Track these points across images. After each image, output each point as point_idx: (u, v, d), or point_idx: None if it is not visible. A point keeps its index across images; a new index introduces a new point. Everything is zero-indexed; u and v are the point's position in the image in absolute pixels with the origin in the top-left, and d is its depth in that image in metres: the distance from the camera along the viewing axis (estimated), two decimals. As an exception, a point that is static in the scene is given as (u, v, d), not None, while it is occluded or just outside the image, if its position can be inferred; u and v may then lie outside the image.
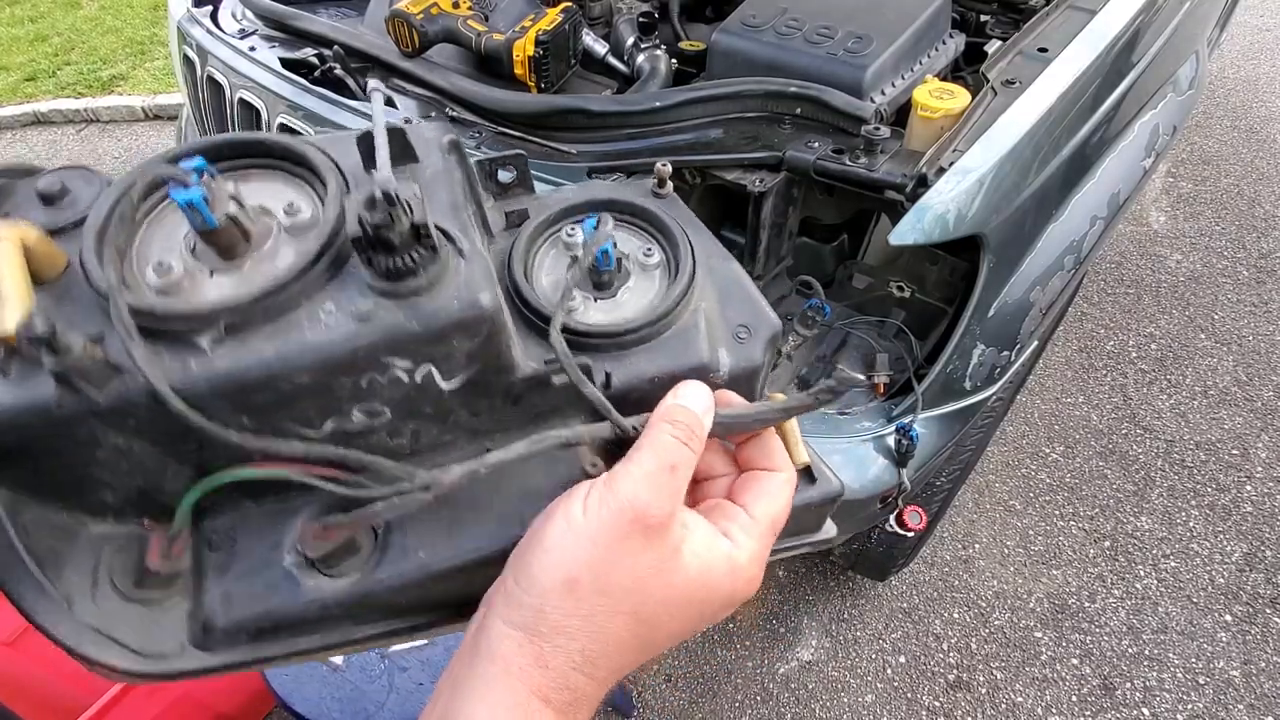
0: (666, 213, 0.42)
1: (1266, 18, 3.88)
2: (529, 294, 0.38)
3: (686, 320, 0.39)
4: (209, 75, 1.31)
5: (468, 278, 0.32)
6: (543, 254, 0.42)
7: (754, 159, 1.02)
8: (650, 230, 0.43)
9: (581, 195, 0.43)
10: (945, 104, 0.97)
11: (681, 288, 0.39)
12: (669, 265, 0.41)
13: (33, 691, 1.36)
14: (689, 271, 0.39)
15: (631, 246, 0.42)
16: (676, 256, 0.41)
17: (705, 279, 0.41)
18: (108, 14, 4.32)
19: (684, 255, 0.40)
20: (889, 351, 1.13)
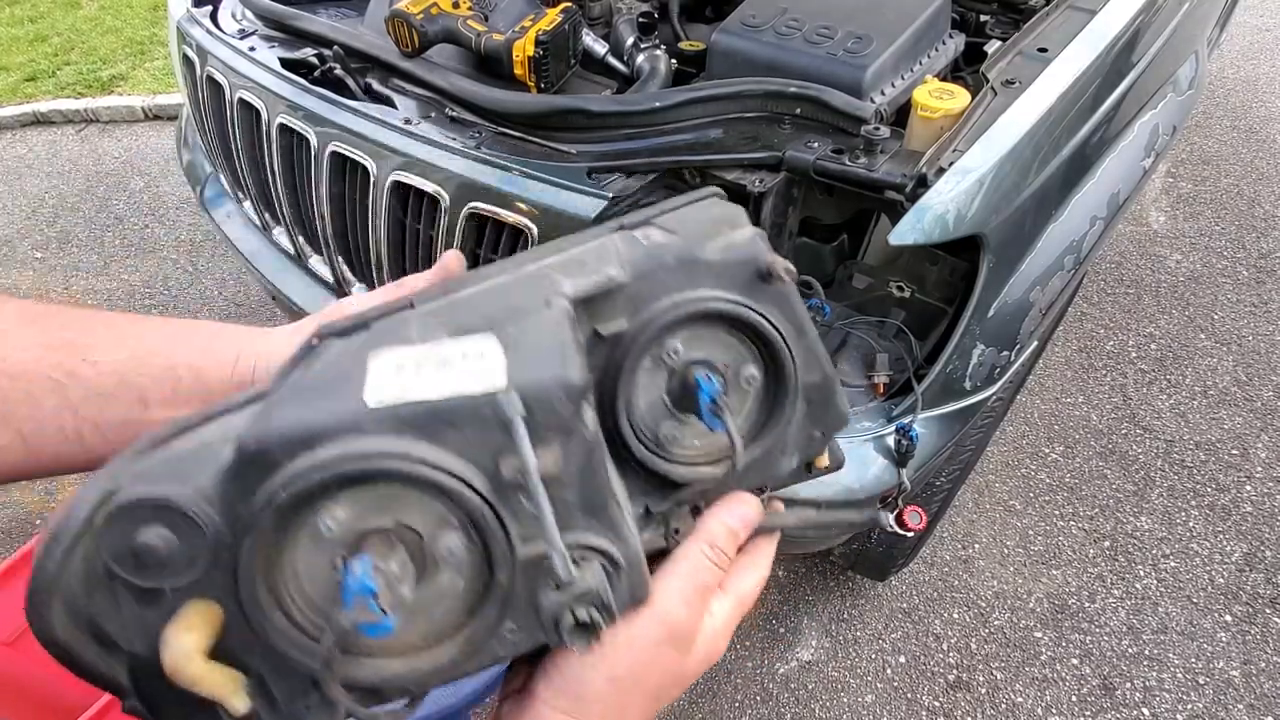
0: (776, 324, 0.37)
1: (1266, 18, 3.88)
2: (634, 447, 0.36)
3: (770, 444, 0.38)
4: (209, 75, 1.31)
5: (628, 588, 0.33)
6: (640, 372, 0.36)
7: (754, 159, 1.02)
8: (754, 344, 0.37)
9: (687, 305, 0.35)
10: (945, 104, 0.97)
11: (778, 432, 0.37)
12: (768, 388, 0.38)
13: (33, 691, 1.36)
14: (788, 405, 0.37)
15: (727, 358, 0.37)
16: (779, 379, 0.37)
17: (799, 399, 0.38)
18: (108, 14, 4.32)
19: (788, 383, 0.37)
20: (889, 351, 1.13)
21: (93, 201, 3.01)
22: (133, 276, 2.66)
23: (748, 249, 0.36)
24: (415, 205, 1.08)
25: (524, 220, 0.99)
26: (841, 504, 1.02)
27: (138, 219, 2.91)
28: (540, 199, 0.98)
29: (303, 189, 1.22)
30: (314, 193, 1.19)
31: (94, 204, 3.00)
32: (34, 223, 2.93)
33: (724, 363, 0.37)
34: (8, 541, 1.86)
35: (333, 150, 1.11)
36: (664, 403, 0.36)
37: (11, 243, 2.84)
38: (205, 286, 2.58)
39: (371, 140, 1.07)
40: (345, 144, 1.10)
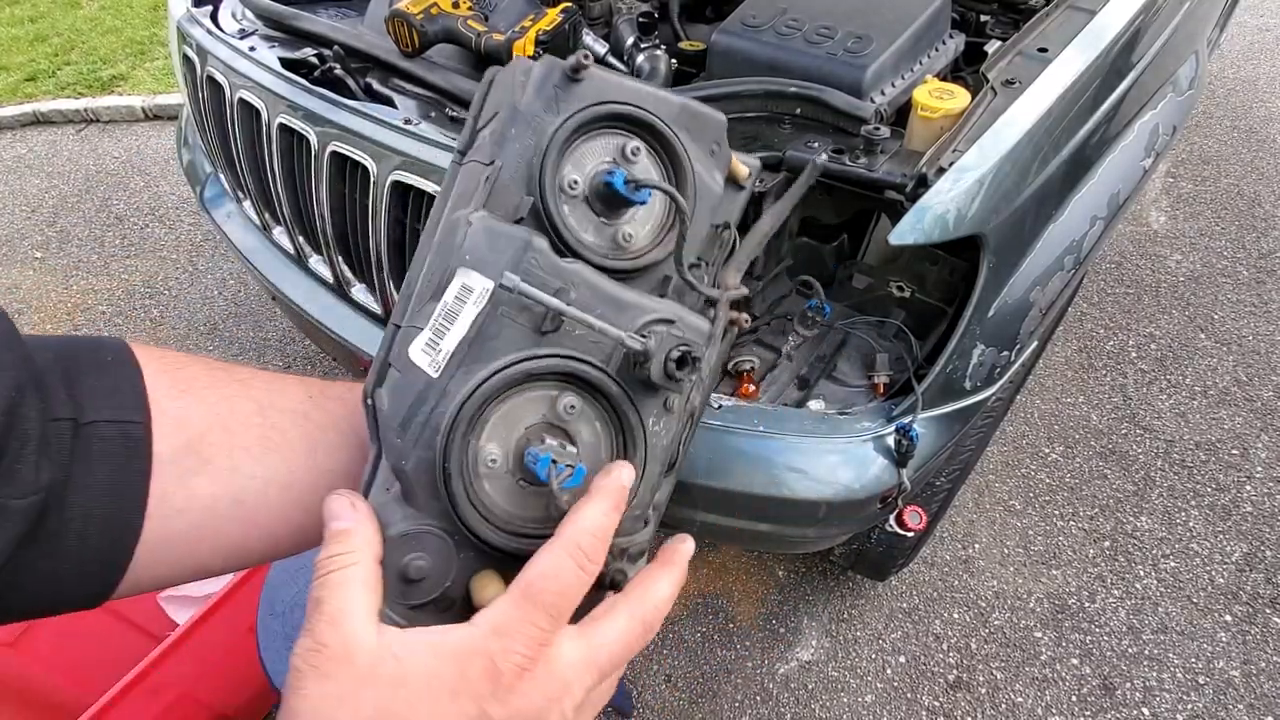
0: (616, 100, 0.43)
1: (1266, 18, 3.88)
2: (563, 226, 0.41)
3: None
4: (209, 75, 1.31)
5: (692, 325, 0.41)
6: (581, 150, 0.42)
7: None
8: (619, 125, 0.43)
9: (559, 134, 0.41)
10: (945, 104, 0.97)
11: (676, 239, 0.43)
12: (651, 147, 0.44)
13: (33, 691, 1.36)
14: (672, 142, 0.43)
15: (610, 149, 0.43)
16: (651, 131, 0.43)
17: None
18: (108, 14, 4.33)
19: (657, 126, 0.43)
20: (889, 351, 1.13)
21: (93, 201, 3.01)
22: (133, 276, 2.66)
23: (546, 72, 0.42)
24: (415, 205, 1.08)
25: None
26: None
27: (138, 219, 2.91)
28: (540, 199, 0.97)
29: (303, 189, 1.22)
30: (314, 193, 1.19)
31: (94, 204, 3.00)
32: (34, 222, 2.93)
33: (611, 156, 0.43)
34: (8, 541, 1.86)
35: (333, 150, 1.11)
36: (598, 219, 0.42)
37: (11, 242, 2.84)
38: (205, 286, 2.58)
39: (371, 140, 1.07)
40: (345, 144, 1.10)
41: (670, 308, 0.40)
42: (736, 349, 1.18)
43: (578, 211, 0.41)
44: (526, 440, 0.37)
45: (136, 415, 0.35)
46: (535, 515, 0.38)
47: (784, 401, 1.11)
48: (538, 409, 0.37)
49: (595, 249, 0.41)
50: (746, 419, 1.03)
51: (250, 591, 1.30)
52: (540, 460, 0.35)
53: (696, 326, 0.40)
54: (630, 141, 0.42)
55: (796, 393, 1.13)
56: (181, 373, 0.38)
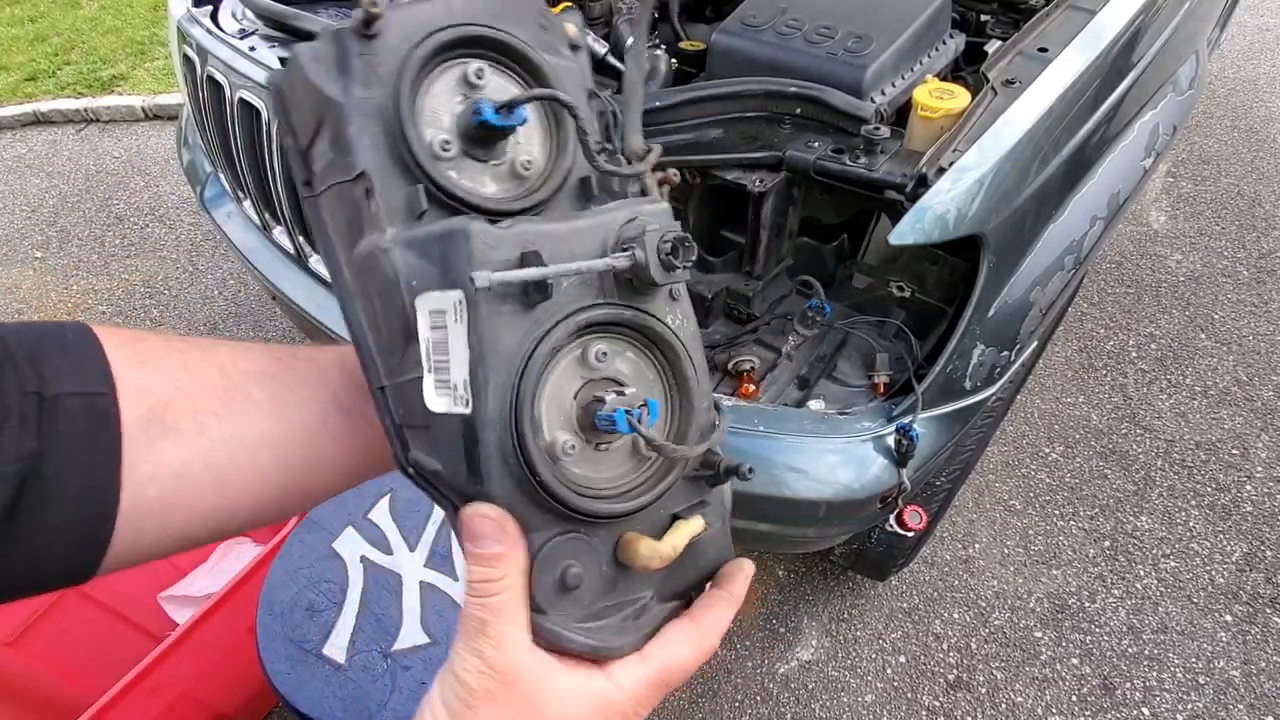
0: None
1: (1266, 18, 3.89)
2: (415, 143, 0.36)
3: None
4: (209, 75, 1.31)
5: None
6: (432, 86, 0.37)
7: (754, 159, 1.02)
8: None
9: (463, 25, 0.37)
10: (945, 104, 0.97)
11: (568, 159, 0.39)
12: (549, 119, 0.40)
13: (33, 691, 1.36)
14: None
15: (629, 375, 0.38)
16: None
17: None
18: (108, 14, 4.33)
19: (550, 80, 0.39)
20: (889, 351, 1.13)
21: (93, 201, 3.01)
22: (133, 276, 2.66)
23: (337, 48, 0.38)
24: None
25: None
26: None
27: (138, 219, 2.91)
28: (540, 199, 0.97)
29: (303, 189, 1.22)
30: (314, 192, 1.18)
31: (94, 204, 3.00)
32: (34, 222, 2.93)
33: (460, 93, 0.38)
34: (8, 541, 1.86)
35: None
36: (489, 165, 0.38)
37: (12, 242, 2.84)
38: (205, 286, 2.58)
39: (371, 140, 1.07)
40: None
41: (620, 208, 0.37)
42: (736, 349, 1.18)
43: (466, 169, 0.37)
44: (582, 410, 0.35)
45: (102, 387, 0.35)
46: (628, 467, 0.37)
47: (784, 401, 1.11)
48: (574, 376, 0.35)
49: (508, 196, 0.38)
50: (746, 419, 1.03)
51: (250, 591, 1.30)
52: (616, 417, 0.33)
53: (656, 210, 0.37)
54: (468, 66, 0.37)
55: (796, 393, 1.13)
56: (141, 344, 0.38)
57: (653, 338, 0.37)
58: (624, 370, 0.36)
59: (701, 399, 0.38)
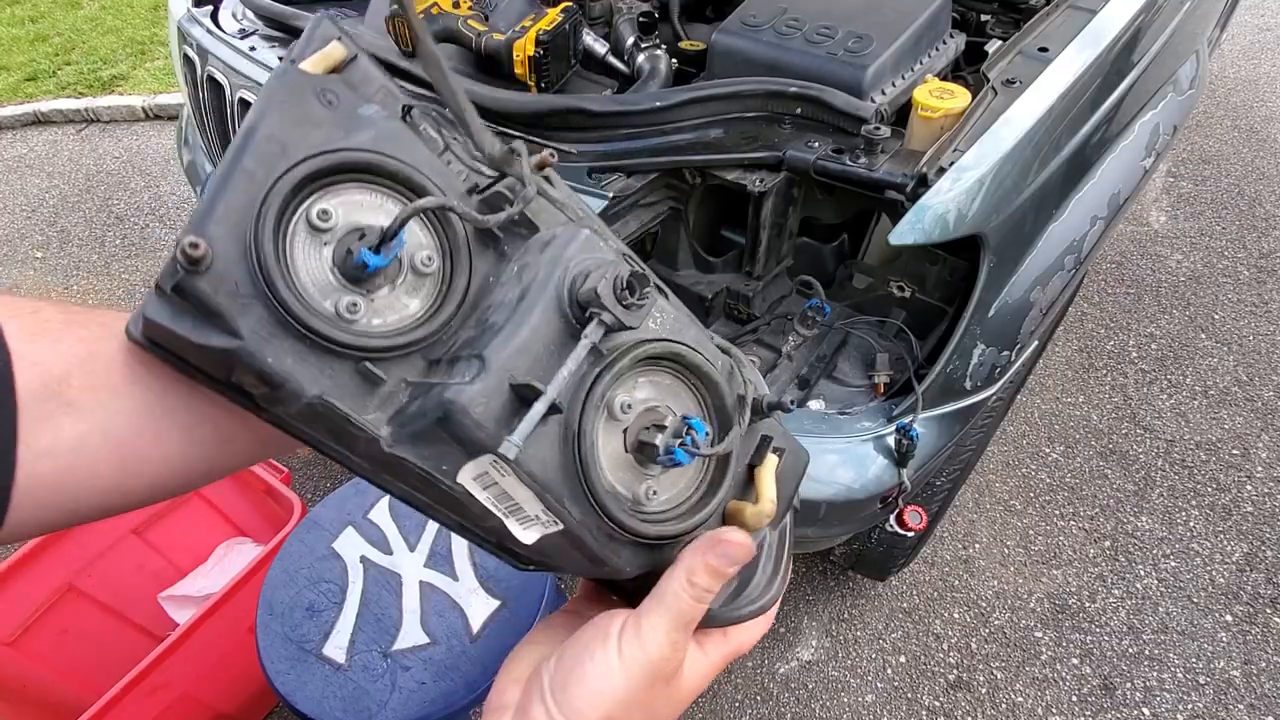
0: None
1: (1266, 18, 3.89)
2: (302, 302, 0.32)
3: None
4: (209, 75, 1.31)
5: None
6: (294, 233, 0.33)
7: (754, 159, 1.02)
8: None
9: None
10: (945, 104, 0.97)
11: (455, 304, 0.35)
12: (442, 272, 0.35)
13: (33, 691, 1.36)
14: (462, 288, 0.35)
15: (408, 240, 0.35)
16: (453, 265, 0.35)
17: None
18: (108, 14, 4.33)
19: (461, 266, 0.35)
20: (889, 351, 1.13)
21: (93, 201, 3.01)
22: (133, 276, 2.66)
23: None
24: (415, 205, 1.08)
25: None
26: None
27: (138, 219, 2.91)
28: (540, 199, 0.97)
29: (303, 189, 1.22)
30: (314, 192, 1.19)
31: (94, 204, 3.00)
32: (34, 222, 2.93)
33: (324, 247, 0.34)
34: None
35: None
36: (409, 297, 0.35)
37: (12, 242, 2.84)
38: (205, 286, 2.58)
39: (372, 140, 1.07)
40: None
41: (551, 265, 0.34)
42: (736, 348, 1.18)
43: (381, 307, 0.33)
44: (639, 454, 0.36)
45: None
46: (690, 484, 0.39)
47: (784, 401, 1.11)
48: (615, 434, 0.36)
49: (432, 306, 0.35)
50: (747, 419, 1.03)
51: (250, 591, 1.30)
52: (676, 455, 0.34)
53: (582, 252, 0.34)
54: (309, 210, 0.32)
55: (797, 392, 1.13)
56: (36, 316, 0.37)
57: (653, 357, 0.36)
58: (649, 397, 0.37)
59: (719, 375, 0.38)
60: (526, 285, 0.34)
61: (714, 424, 0.39)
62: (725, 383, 0.38)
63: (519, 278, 0.35)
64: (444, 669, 1.02)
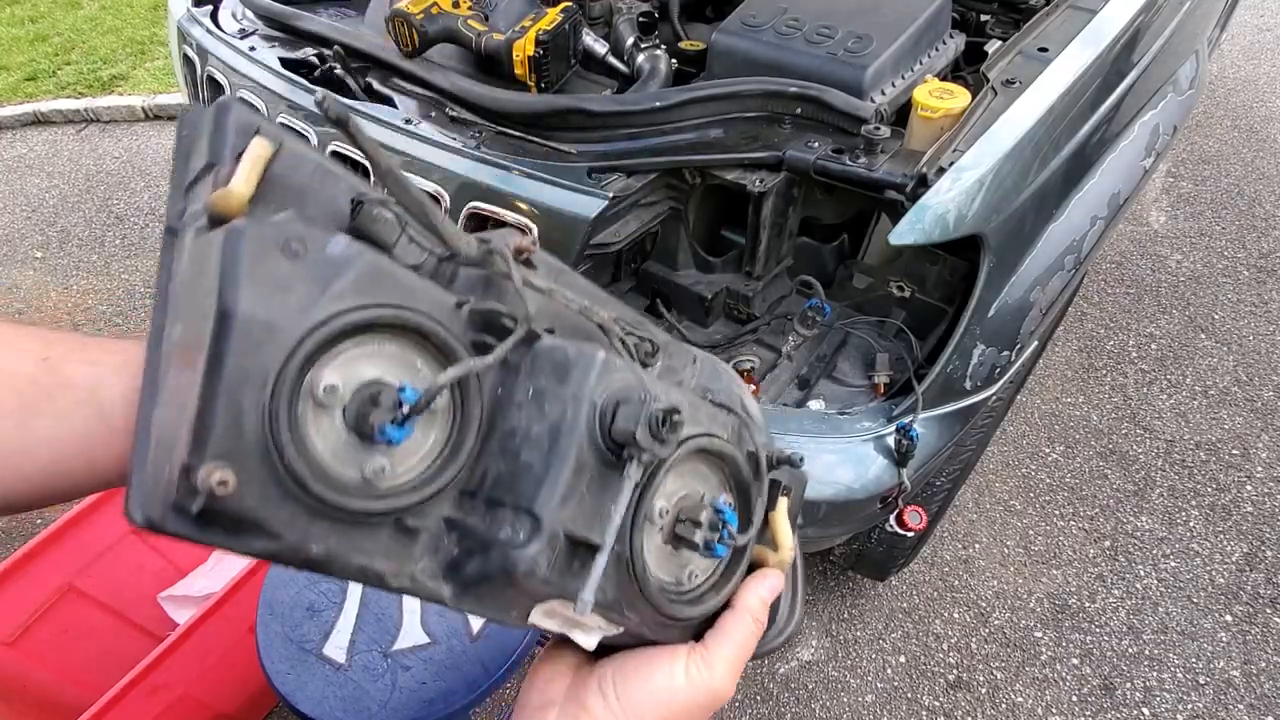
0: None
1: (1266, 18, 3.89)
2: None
3: None
4: (209, 75, 1.31)
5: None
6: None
7: (754, 159, 1.02)
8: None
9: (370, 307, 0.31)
10: (945, 104, 0.97)
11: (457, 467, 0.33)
12: (454, 411, 0.34)
13: (33, 691, 1.36)
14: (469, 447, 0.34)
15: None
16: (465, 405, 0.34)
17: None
18: (108, 14, 4.33)
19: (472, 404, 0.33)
20: (889, 351, 1.13)
21: (93, 201, 3.01)
22: (133, 276, 2.66)
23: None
24: (415, 205, 1.08)
25: (524, 220, 0.99)
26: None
27: (138, 219, 2.91)
28: (540, 199, 0.98)
29: (303, 189, 1.22)
30: (314, 192, 1.19)
31: (94, 204, 3.00)
32: (34, 222, 2.93)
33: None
34: (8, 541, 1.86)
35: (333, 150, 1.11)
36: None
37: (12, 242, 2.84)
38: (205, 286, 2.58)
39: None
40: (346, 144, 1.10)
41: (555, 366, 0.34)
42: (736, 349, 1.18)
43: (403, 457, 0.32)
44: (673, 547, 0.38)
45: None
46: (707, 567, 0.41)
47: (784, 401, 1.11)
48: (654, 538, 0.37)
49: (448, 441, 0.33)
50: (747, 419, 1.03)
51: (250, 591, 1.30)
52: (717, 551, 0.36)
53: (593, 367, 0.33)
54: (315, 390, 0.30)
55: (797, 393, 1.13)
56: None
57: (704, 454, 0.38)
58: (677, 489, 0.38)
59: (734, 449, 0.39)
60: (555, 424, 0.33)
61: (734, 492, 0.40)
62: (740, 453, 0.39)
63: (541, 409, 0.33)
64: (444, 669, 1.02)
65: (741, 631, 0.41)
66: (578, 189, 0.97)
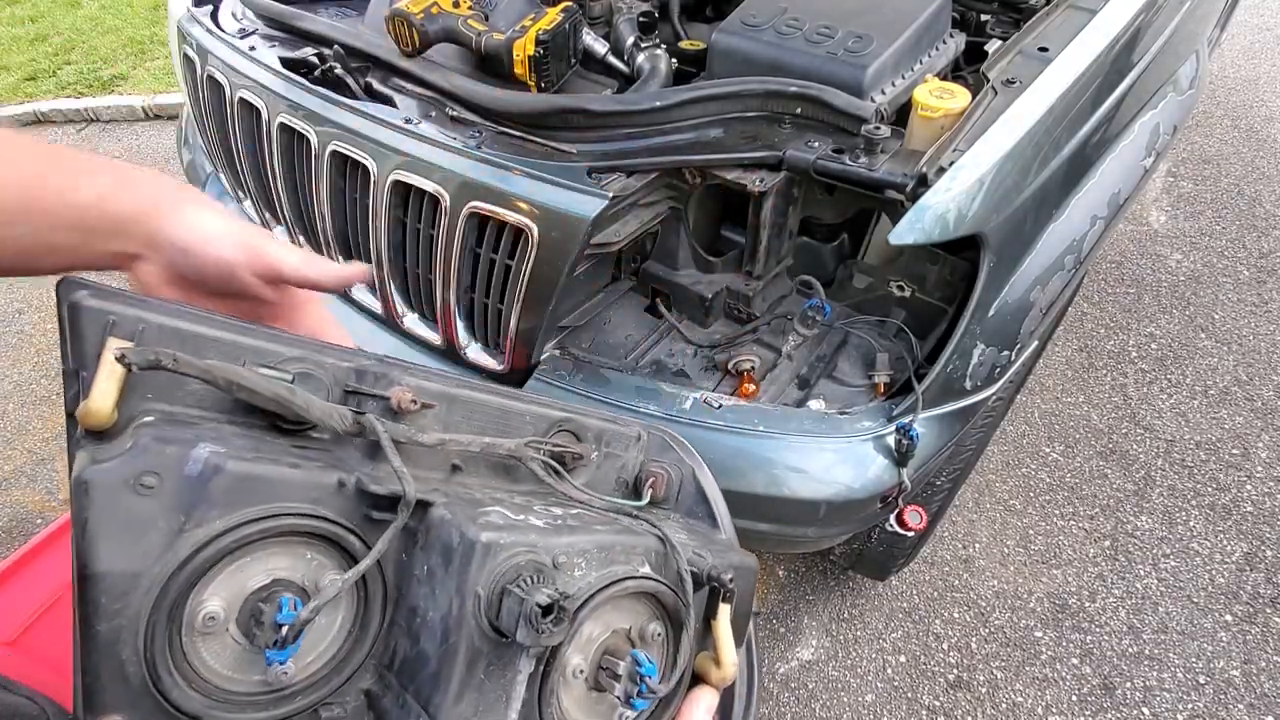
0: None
1: (1266, 17, 3.89)
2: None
3: None
4: (209, 75, 1.31)
5: None
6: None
7: (754, 159, 1.02)
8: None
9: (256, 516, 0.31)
10: (945, 103, 0.97)
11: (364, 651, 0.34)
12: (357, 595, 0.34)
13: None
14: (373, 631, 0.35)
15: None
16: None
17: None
18: (108, 13, 4.33)
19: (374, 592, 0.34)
20: (889, 351, 1.13)
21: (93, 201, 3.01)
22: (133, 276, 2.66)
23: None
24: (416, 205, 1.08)
25: (524, 220, 0.99)
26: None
27: (138, 219, 2.91)
28: (540, 198, 0.98)
29: (303, 188, 1.22)
30: (314, 192, 1.19)
31: (94, 204, 3.00)
32: (34, 222, 2.93)
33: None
34: (8, 541, 1.86)
35: (333, 150, 1.11)
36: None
37: (12, 242, 2.85)
38: (205, 286, 2.58)
39: (372, 139, 1.07)
40: (346, 143, 1.10)
41: (444, 547, 0.34)
42: (736, 349, 1.18)
43: (306, 662, 0.33)
44: (610, 704, 0.38)
45: None
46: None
47: (784, 401, 1.11)
48: (575, 685, 0.37)
49: (353, 628, 0.34)
50: (747, 419, 1.03)
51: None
52: (636, 705, 0.36)
53: (474, 554, 0.33)
54: (199, 611, 0.30)
55: (797, 392, 1.13)
56: None
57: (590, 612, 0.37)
58: (595, 634, 0.37)
59: (655, 584, 0.38)
60: (444, 615, 0.33)
61: (665, 620, 0.39)
62: (664, 584, 0.38)
63: (434, 592, 0.34)
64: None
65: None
66: (578, 189, 0.97)
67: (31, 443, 2.10)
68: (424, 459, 0.37)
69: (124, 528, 0.28)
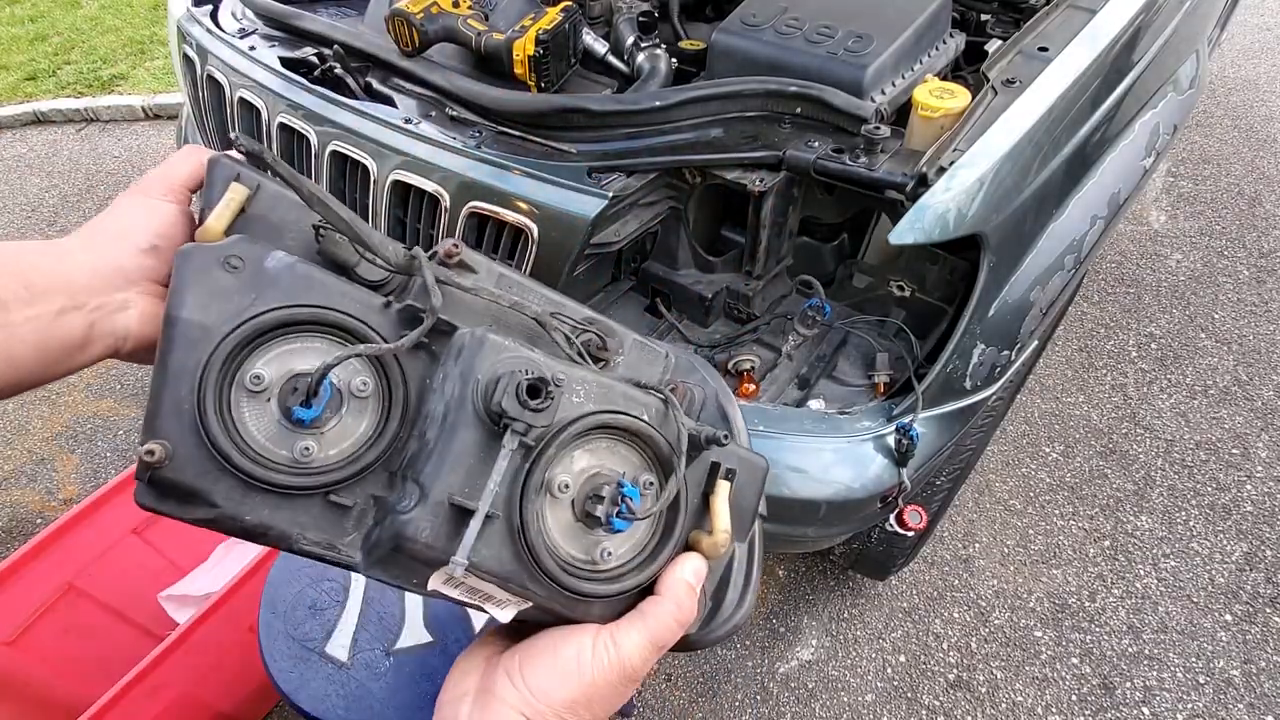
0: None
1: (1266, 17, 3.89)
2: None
3: None
4: (209, 74, 1.31)
5: None
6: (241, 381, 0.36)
7: (754, 158, 1.02)
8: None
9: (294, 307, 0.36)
10: (945, 103, 0.97)
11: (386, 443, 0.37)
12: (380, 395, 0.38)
13: (33, 691, 1.36)
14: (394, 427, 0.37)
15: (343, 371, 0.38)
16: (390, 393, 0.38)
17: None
18: (108, 13, 4.32)
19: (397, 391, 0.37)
20: (889, 351, 1.13)
21: (93, 201, 3.01)
22: (133, 276, 2.65)
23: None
24: (416, 204, 1.08)
25: (524, 219, 0.99)
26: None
27: (138, 218, 2.91)
28: (540, 198, 0.98)
29: (303, 188, 1.22)
30: (314, 192, 1.19)
31: (94, 203, 3.00)
32: (34, 222, 2.93)
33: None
34: (8, 541, 1.86)
35: (333, 149, 1.11)
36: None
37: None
38: (205, 286, 2.58)
39: (372, 139, 1.07)
40: (345, 143, 1.10)
41: (455, 350, 0.38)
42: (736, 348, 1.18)
43: (332, 436, 0.37)
44: (585, 524, 0.39)
45: None
46: (646, 533, 0.41)
47: (784, 401, 1.11)
48: (564, 511, 0.39)
49: (378, 422, 0.38)
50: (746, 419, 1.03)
51: (251, 590, 1.30)
52: (615, 525, 0.37)
53: (479, 348, 0.37)
54: (241, 376, 0.35)
55: (797, 392, 1.13)
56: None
57: (581, 433, 0.38)
58: (587, 465, 0.39)
59: (650, 427, 0.40)
60: (448, 401, 0.37)
61: (658, 472, 0.41)
62: (658, 431, 0.40)
63: (443, 390, 0.38)
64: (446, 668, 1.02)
65: (657, 612, 0.40)
66: (578, 188, 0.97)
67: (31, 443, 2.10)
68: (461, 314, 0.40)
69: (208, 291, 0.34)
